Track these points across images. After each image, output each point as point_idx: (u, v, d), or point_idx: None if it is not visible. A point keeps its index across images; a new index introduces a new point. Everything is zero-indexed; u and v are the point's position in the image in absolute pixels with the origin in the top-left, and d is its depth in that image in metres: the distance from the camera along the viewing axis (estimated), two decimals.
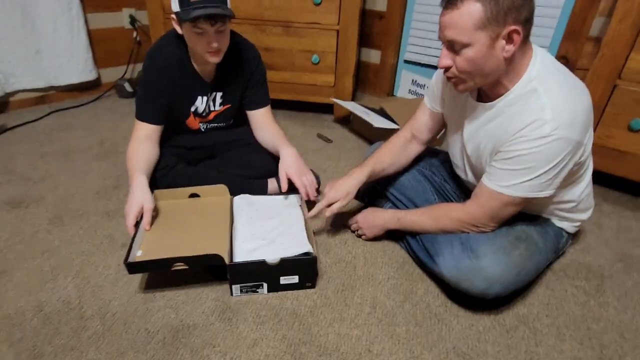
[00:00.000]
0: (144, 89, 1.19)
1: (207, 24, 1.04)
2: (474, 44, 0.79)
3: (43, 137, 1.76)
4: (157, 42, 1.19)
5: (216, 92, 1.27)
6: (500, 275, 0.91)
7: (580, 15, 1.67)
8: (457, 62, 0.83)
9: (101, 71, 2.29)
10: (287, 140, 1.29)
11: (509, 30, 0.77)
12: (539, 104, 0.82)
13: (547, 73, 0.84)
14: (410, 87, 2.19)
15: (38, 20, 1.92)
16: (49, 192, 1.37)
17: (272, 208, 1.18)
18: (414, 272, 1.12)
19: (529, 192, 0.88)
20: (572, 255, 1.22)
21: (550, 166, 0.83)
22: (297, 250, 0.99)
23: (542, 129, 0.80)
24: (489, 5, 0.75)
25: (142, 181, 1.09)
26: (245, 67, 1.27)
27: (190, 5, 1.02)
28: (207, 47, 1.08)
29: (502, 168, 0.88)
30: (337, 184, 1.12)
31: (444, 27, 0.82)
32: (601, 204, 1.50)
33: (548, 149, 0.81)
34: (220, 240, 1.02)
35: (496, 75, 0.85)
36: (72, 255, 1.10)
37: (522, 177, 0.86)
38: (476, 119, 0.96)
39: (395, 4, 2.16)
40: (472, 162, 1.02)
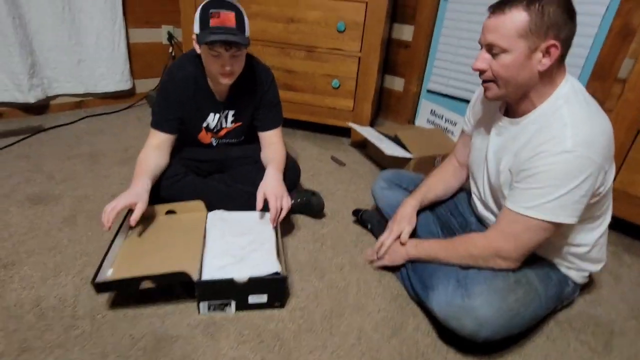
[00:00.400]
0: (160, 99, 1.27)
1: (222, 48, 1.09)
2: (512, 50, 0.82)
3: (74, 140, 1.88)
4: (177, 60, 1.27)
5: (228, 110, 1.32)
6: (491, 318, 0.88)
7: (609, 56, 1.62)
8: (493, 67, 0.86)
9: (136, 82, 2.43)
10: (280, 163, 1.30)
11: (548, 44, 0.81)
12: (562, 122, 0.83)
13: (574, 96, 0.86)
14: (429, 117, 2.18)
15: (83, 33, 2.08)
16: (69, 192, 1.46)
17: (246, 224, 1.18)
18: (406, 306, 1.09)
19: (553, 215, 0.85)
20: (581, 305, 1.15)
21: (573, 185, 0.82)
22: (266, 269, 0.99)
23: (564, 144, 0.80)
24: (534, 17, 0.79)
25: (144, 183, 1.14)
26: (258, 88, 1.32)
27: (209, 29, 1.08)
28: (221, 69, 1.14)
29: (525, 188, 0.87)
30: (397, 217, 1.15)
31: (487, 31, 0.85)
32: (622, 254, 1.41)
33: (570, 165, 0.81)
34: (192, 256, 1.03)
35: (528, 87, 0.87)
36: (77, 255, 1.15)
37: (546, 197, 0.84)
38: (502, 135, 0.98)
39: (420, 35, 2.18)
40: (492, 181, 1.01)
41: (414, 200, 1.17)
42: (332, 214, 1.49)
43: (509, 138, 0.95)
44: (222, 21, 1.07)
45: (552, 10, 0.80)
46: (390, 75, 2.43)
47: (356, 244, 1.33)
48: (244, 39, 1.11)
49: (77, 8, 2.02)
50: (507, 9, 0.81)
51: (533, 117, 0.90)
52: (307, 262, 1.22)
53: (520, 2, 0.81)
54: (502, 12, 0.82)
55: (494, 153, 0.99)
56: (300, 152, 1.98)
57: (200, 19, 1.10)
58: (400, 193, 1.31)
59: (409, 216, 1.14)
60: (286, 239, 1.32)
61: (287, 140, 2.08)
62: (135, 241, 1.11)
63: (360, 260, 1.25)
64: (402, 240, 1.11)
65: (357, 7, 1.80)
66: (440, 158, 1.75)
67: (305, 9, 1.85)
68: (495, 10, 0.84)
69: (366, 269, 1.21)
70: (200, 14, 1.10)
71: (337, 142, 2.15)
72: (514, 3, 0.81)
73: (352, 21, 1.83)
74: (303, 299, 1.07)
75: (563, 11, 0.80)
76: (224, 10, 1.08)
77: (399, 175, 1.35)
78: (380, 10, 1.79)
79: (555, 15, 0.80)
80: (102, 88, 2.25)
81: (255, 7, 1.90)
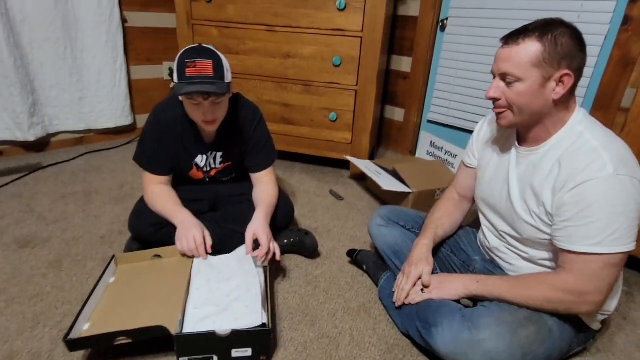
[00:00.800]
0: (149, 142, 1.24)
1: (201, 97, 1.07)
2: (526, 79, 0.83)
3: (70, 177, 1.88)
4: (164, 100, 1.25)
5: (216, 152, 1.30)
6: (502, 352, 0.83)
7: (611, 86, 1.58)
8: (508, 95, 0.87)
9: (137, 117, 2.46)
10: (269, 206, 1.27)
11: (561, 73, 0.82)
12: (590, 146, 0.83)
13: (591, 121, 0.88)
14: (429, 149, 2.14)
15: (85, 71, 2.13)
16: (57, 234, 1.43)
17: (232, 266, 1.13)
18: (402, 358, 1.01)
19: (621, 245, 0.80)
20: (594, 356, 1.06)
21: (629, 209, 0.79)
22: (250, 322, 0.93)
23: (606, 169, 0.79)
24: (548, 47, 0.81)
25: (188, 214, 1.19)
26: (245, 128, 1.29)
27: (185, 79, 1.05)
28: (202, 117, 1.12)
29: (582, 224, 0.81)
30: (413, 261, 1.07)
31: (501, 60, 0.86)
32: (636, 294, 1.32)
33: (619, 188, 0.79)
34: (174, 307, 0.98)
35: (542, 115, 0.88)
36: (57, 304, 1.11)
37: (610, 228, 0.79)
38: (521, 165, 0.95)
39: (418, 66, 2.18)
40: (520, 211, 0.95)
41: (426, 239, 1.11)
42: (327, 253, 1.43)
43: (530, 167, 0.93)
44: (198, 70, 1.05)
45: (564, 41, 0.81)
46: (391, 105, 2.42)
47: (351, 286, 1.27)
48: (223, 87, 1.08)
49: (78, 48, 2.07)
50: (520, 39, 0.83)
51: (553, 143, 0.89)
52: (298, 308, 1.16)
53: (534, 33, 0.82)
54: (515, 43, 0.84)
55: (516, 182, 0.96)
56: (298, 186, 1.95)
57: (177, 69, 1.07)
58: (398, 231, 1.25)
59: (426, 256, 1.07)
60: (277, 282, 1.26)
61: (285, 173, 2.06)
62: (117, 291, 1.06)
63: (354, 305, 1.19)
64: (425, 282, 1.03)
65: (352, 42, 1.80)
66: (440, 191, 1.70)
67: (301, 44, 1.86)
68: (508, 41, 0.85)
69: (360, 315, 1.15)
70: (177, 64, 1.07)
71: (337, 174, 2.12)
72: (527, 34, 0.83)
73: (348, 55, 1.83)
74: (291, 352, 1.01)
75: (575, 42, 0.82)
76: (200, 59, 1.06)
77: (397, 212, 1.30)
78: (375, 45, 1.79)
79: (567, 46, 0.81)
80: (103, 124, 2.27)
81: (252, 43, 1.92)
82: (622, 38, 1.52)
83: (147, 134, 1.24)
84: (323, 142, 2.04)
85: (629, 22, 1.49)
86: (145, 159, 1.25)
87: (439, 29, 2.08)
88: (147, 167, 1.25)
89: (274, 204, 1.30)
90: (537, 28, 0.83)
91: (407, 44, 2.22)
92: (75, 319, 0.91)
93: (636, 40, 1.49)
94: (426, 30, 2.10)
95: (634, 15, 1.47)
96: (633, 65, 1.52)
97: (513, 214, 0.97)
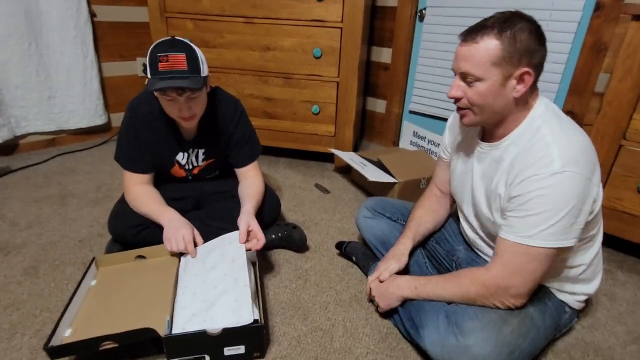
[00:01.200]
0: (127, 139, 1.18)
1: (175, 93, 1.02)
2: (486, 79, 0.82)
3: (42, 180, 1.79)
4: (139, 94, 1.19)
5: (197, 149, 1.26)
6: (488, 355, 0.82)
7: (584, 71, 1.63)
8: (469, 94, 0.86)
9: (112, 116, 2.37)
10: (256, 201, 1.24)
11: (521, 71, 0.81)
12: (544, 141, 0.82)
13: (551, 114, 0.86)
14: (412, 139, 2.15)
15: (53, 69, 2.02)
16: (32, 239, 1.36)
17: (215, 255, 1.09)
18: (397, 346, 1.02)
19: (554, 240, 0.81)
20: (578, 332, 1.09)
21: (570, 206, 0.79)
22: (240, 318, 0.90)
23: (552, 166, 0.79)
24: (506, 45, 0.79)
25: (175, 213, 1.15)
26: (227, 123, 1.25)
27: (158, 74, 1.01)
28: (179, 113, 1.08)
29: (520, 216, 0.83)
30: (387, 257, 1.09)
31: (460, 59, 0.84)
32: (615, 271, 1.37)
33: (562, 186, 0.79)
34: (161, 307, 0.95)
35: (504, 113, 0.87)
36: (36, 311, 1.05)
37: (545, 223, 0.80)
38: (484, 160, 0.95)
39: (399, 57, 2.18)
40: (480, 207, 0.97)
41: (405, 238, 1.12)
42: (315, 246, 1.42)
43: (492, 162, 0.93)
44: (171, 65, 1.00)
45: (523, 38, 0.79)
46: (372, 97, 2.42)
47: (342, 278, 1.26)
48: (197, 81, 1.03)
49: (44, 44, 1.97)
50: (479, 37, 0.81)
51: (512, 139, 0.88)
52: (289, 302, 1.14)
53: (492, 30, 0.80)
54: (474, 40, 0.81)
55: (480, 179, 0.97)
56: (283, 180, 1.92)
57: (149, 63, 1.02)
58: (384, 222, 1.26)
59: (400, 254, 1.08)
60: (267, 277, 1.24)
61: (269, 168, 2.03)
62: (99, 294, 1.02)
63: (346, 296, 1.18)
64: (381, 277, 1.04)
65: (332, 33, 1.78)
66: (425, 180, 1.71)
67: (281, 36, 1.83)
68: (467, 39, 0.83)
69: (352, 306, 1.14)
70: (150, 58, 1.02)
71: (321, 168, 2.10)
72: (485, 31, 0.80)
73: (328, 47, 1.81)
74: (285, 346, 0.99)
75: (534, 37, 0.80)
76: (172, 53, 1.01)
77: (383, 203, 1.30)
78: (355, 35, 1.77)
79: (527, 42, 0.79)
80: (74, 124, 2.17)
81: (230, 36, 1.87)
82: (595, 24, 1.56)
83: (124, 131, 1.19)
84: (306, 136, 2.02)
85: (600, 8, 1.53)
86: (124, 157, 1.20)
87: (418, 19, 2.09)
88: (126, 166, 1.20)
89: (260, 199, 1.28)
90: (495, 24, 0.80)
91: (387, 34, 2.22)
92: (55, 325, 0.86)
93: (607, 27, 1.53)
94: (405, 21, 2.10)
95: (606, 1, 1.51)
96: (605, 51, 1.56)
97: (477, 208, 0.98)
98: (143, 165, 1.21)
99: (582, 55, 1.62)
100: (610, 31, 1.53)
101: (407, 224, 1.16)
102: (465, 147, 1.03)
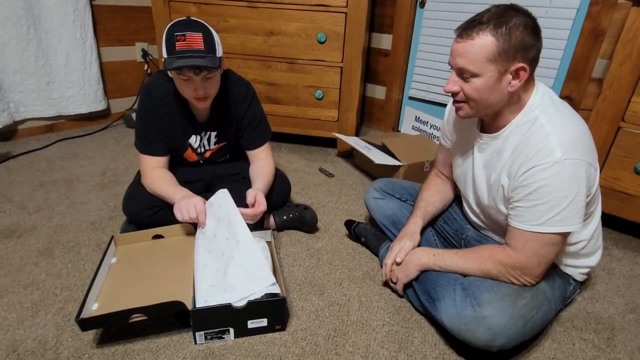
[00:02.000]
0: (143, 122, 1.19)
1: (192, 72, 1.04)
2: (483, 74, 0.83)
3: (46, 165, 1.78)
4: (153, 76, 1.20)
5: (209, 131, 1.27)
6: (505, 326, 0.86)
7: (582, 57, 1.67)
8: (465, 89, 0.87)
9: (111, 102, 2.34)
10: (267, 182, 1.26)
11: (517, 66, 0.82)
12: (543, 131, 0.84)
13: (547, 103, 0.88)
14: (414, 124, 2.19)
15: (52, 53, 1.99)
16: (43, 222, 1.36)
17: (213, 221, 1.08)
18: (410, 318, 1.06)
19: (564, 225, 0.85)
20: (580, 303, 1.15)
21: (575, 192, 0.82)
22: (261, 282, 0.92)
23: (553, 155, 0.81)
24: (501, 41, 0.80)
25: (188, 191, 1.14)
26: (239, 106, 1.26)
27: (175, 53, 1.02)
28: (194, 94, 1.09)
29: (528, 206, 0.86)
30: (399, 237, 1.11)
31: (456, 55, 0.85)
32: (611, 248, 1.43)
33: (565, 174, 0.81)
34: (183, 283, 0.97)
35: (499, 106, 0.89)
36: (56, 290, 1.06)
37: (553, 210, 0.83)
38: (484, 151, 0.97)
39: (399, 43, 2.20)
40: (482, 196, 1.00)
41: (415, 217, 1.15)
42: (325, 227, 1.45)
43: (493, 152, 0.95)
44: (188, 44, 1.01)
45: (518, 33, 0.80)
46: (372, 83, 2.44)
47: (353, 257, 1.30)
48: (214, 60, 1.04)
49: (42, 28, 1.93)
50: (474, 33, 0.82)
51: (511, 129, 0.90)
52: (305, 279, 1.18)
53: (487, 26, 0.81)
54: (469, 36, 0.82)
55: (481, 169, 0.99)
56: (287, 165, 1.94)
57: (166, 43, 1.03)
58: (394, 202, 1.29)
59: (412, 233, 1.10)
60: (281, 256, 1.27)
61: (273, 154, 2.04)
62: (121, 271, 1.03)
63: (358, 273, 1.22)
64: (398, 259, 1.06)
65: (337, 18, 1.79)
66: (429, 163, 1.75)
67: (285, 21, 1.83)
68: (462, 35, 0.84)
69: (365, 282, 1.18)
70: (167, 37, 1.03)
71: (324, 153, 2.13)
72: (481, 27, 0.81)
73: (333, 32, 1.82)
74: (304, 320, 1.03)
75: (529, 32, 0.81)
76: (190, 32, 1.02)
77: (391, 184, 1.34)
78: (360, 20, 1.79)
79: (522, 37, 0.80)
80: (74, 110, 2.15)
81: (233, 20, 1.87)
82: (593, 11, 1.60)
83: (139, 115, 1.20)
84: (309, 121, 2.04)
85: None
86: (140, 141, 1.21)
87: (419, 6, 2.10)
88: (142, 149, 1.21)
89: (271, 179, 1.30)
90: (491, 20, 0.81)
91: (387, 21, 2.23)
92: (83, 299, 0.88)
93: (605, 13, 1.58)
94: (406, 7, 2.11)
95: None
96: (603, 37, 1.61)
97: (479, 196, 1.02)
98: (159, 147, 1.22)
99: (580, 41, 1.66)
100: (608, 17, 1.57)
101: (416, 204, 1.19)
102: (465, 136, 1.05)
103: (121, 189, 1.58)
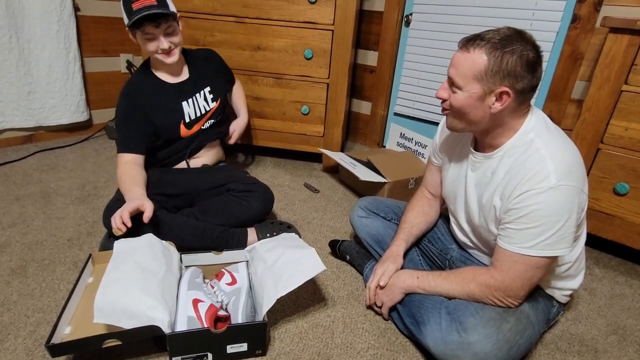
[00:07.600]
0: (122, 122, 1.26)
1: (152, 26, 1.17)
2: (466, 90, 0.85)
3: (22, 178, 1.72)
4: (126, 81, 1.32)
5: (201, 89, 1.39)
6: (490, 352, 0.85)
7: (562, 79, 1.72)
8: (450, 99, 0.89)
9: (94, 112, 2.30)
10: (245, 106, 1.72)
11: (501, 90, 0.83)
12: (539, 155, 0.84)
13: (543, 127, 0.89)
14: (399, 140, 2.20)
15: (33, 63, 1.95)
16: (17, 238, 1.31)
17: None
18: (395, 340, 1.04)
19: (553, 249, 0.85)
20: (563, 324, 1.16)
21: (566, 218, 0.83)
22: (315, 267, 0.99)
23: (548, 180, 0.81)
24: (492, 62, 0.81)
25: (141, 192, 1.14)
26: (207, 58, 1.49)
27: (133, 14, 1.16)
28: (159, 48, 1.22)
29: (519, 228, 0.86)
30: (382, 260, 1.11)
31: (451, 64, 0.88)
32: (592, 267, 1.45)
33: (559, 200, 0.82)
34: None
35: (484, 125, 0.90)
36: (28, 312, 1.02)
37: (543, 234, 0.84)
38: (477, 170, 0.98)
39: (384, 60, 2.23)
40: (473, 215, 1.00)
41: (399, 240, 1.14)
42: (309, 244, 1.43)
43: (486, 172, 0.95)
44: (142, 2, 1.16)
45: (511, 61, 0.80)
46: (357, 99, 2.46)
47: (337, 276, 1.28)
48: (169, 9, 1.19)
49: (25, 37, 1.89)
50: (472, 48, 0.83)
51: (506, 150, 0.91)
52: (288, 299, 1.15)
53: (485, 44, 0.82)
54: (467, 50, 0.84)
55: (474, 187, 0.99)
56: (272, 180, 1.93)
57: (124, 10, 1.18)
58: (378, 221, 1.28)
59: (395, 255, 1.10)
60: None
61: (257, 168, 2.03)
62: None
63: (343, 293, 1.20)
64: (382, 283, 1.05)
65: (324, 35, 1.81)
66: (414, 180, 1.76)
67: (272, 37, 1.84)
68: (462, 46, 0.86)
69: (350, 302, 1.16)
70: (123, 5, 1.18)
71: (309, 168, 2.12)
72: (479, 44, 0.83)
73: (320, 48, 1.83)
74: (287, 343, 1.00)
75: (523, 64, 0.81)
76: None
77: (376, 203, 1.33)
78: (346, 37, 1.81)
79: (513, 65, 0.81)
80: (55, 120, 2.10)
81: (220, 35, 1.86)
82: (572, 35, 1.66)
83: (118, 112, 1.27)
84: (295, 136, 2.03)
85: (577, 20, 1.63)
86: (119, 139, 1.26)
87: (404, 24, 2.14)
88: (119, 147, 1.26)
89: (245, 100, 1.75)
90: (492, 39, 0.82)
91: (373, 38, 2.27)
92: (55, 322, 0.84)
93: (584, 38, 1.63)
94: (391, 25, 2.15)
95: (582, 14, 1.61)
96: (581, 60, 1.66)
97: (470, 215, 1.02)
98: (134, 144, 1.25)
99: (560, 63, 1.72)
100: (586, 41, 1.63)
101: (400, 226, 1.19)
102: (458, 153, 1.06)
103: (101, 203, 1.54)
